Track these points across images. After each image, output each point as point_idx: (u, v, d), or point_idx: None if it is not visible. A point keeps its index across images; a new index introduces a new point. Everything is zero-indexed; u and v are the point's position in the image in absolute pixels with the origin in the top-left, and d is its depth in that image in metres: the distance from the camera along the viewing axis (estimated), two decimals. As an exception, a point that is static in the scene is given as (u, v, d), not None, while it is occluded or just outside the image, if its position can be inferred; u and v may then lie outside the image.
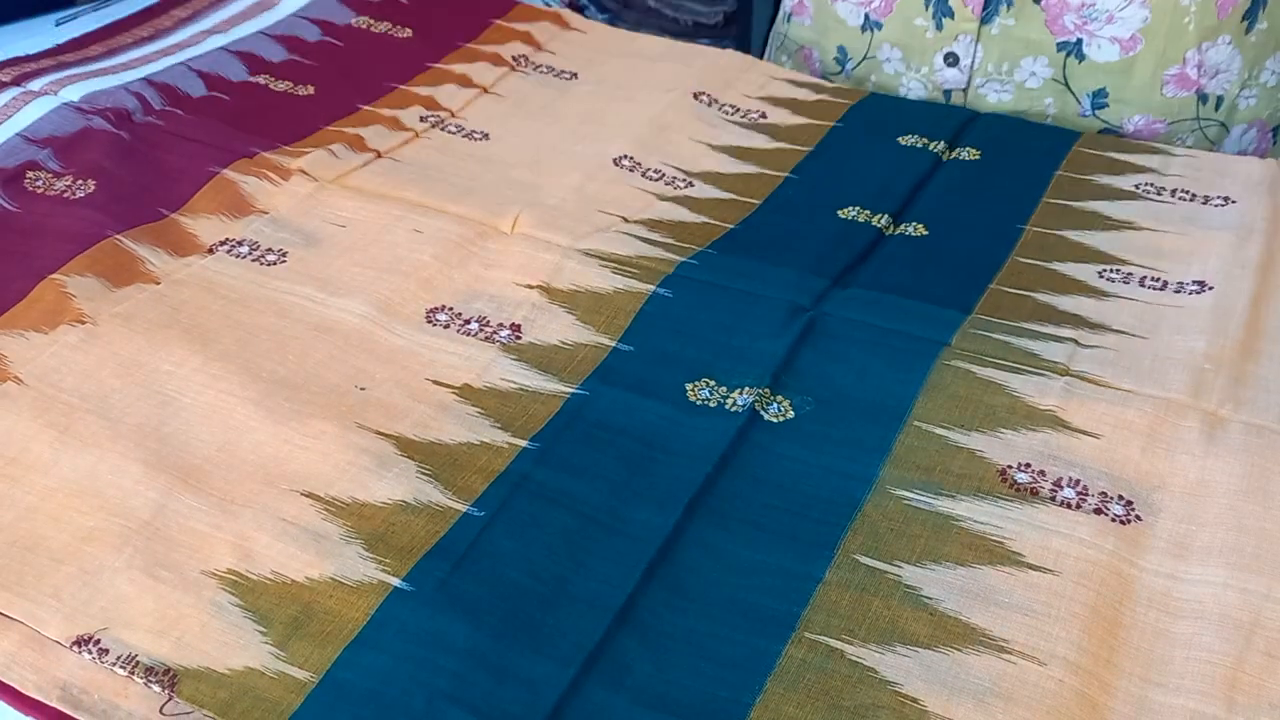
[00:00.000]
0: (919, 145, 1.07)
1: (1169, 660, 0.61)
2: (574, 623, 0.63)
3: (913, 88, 1.24)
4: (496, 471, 0.71)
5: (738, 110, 1.14)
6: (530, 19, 1.30)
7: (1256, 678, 0.60)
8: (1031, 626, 0.62)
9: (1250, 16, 1.13)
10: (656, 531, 0.68)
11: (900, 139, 1.08)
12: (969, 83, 1.19)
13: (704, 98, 1.16)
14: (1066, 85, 1.17)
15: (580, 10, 1.55)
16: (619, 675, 0.60)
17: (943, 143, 1.07)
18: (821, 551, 0.67)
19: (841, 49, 1.29)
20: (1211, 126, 1.18)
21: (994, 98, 1.20)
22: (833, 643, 0.62)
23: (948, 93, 1.22)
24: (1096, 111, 1.18)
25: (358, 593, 0.64)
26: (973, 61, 1.18)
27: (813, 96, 1.17)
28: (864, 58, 1.27)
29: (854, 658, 0.61)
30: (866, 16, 1.24)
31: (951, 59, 1.18)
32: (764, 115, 1.13)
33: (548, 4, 1.41)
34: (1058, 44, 1.15)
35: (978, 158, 1.06)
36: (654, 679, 0.60)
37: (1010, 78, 1.18)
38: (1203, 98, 1.16)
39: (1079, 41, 1.14)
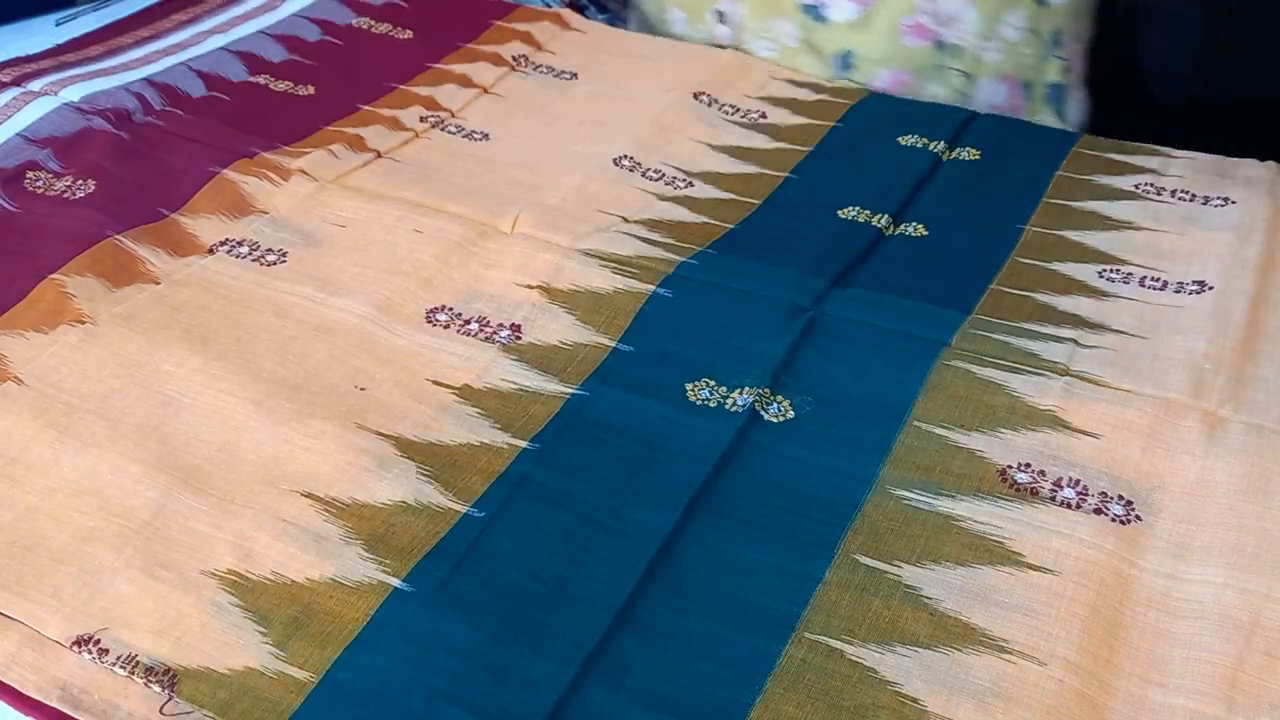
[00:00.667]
0: (919, 145, 1.07)
1: (1169, 660, 0.61)
2: (574, 623, 0.63)
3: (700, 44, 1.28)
4: (496, 472, 0.71)
5: (738, 110, 1.14)
6: (530, 19, 1.30)
7: (1256, 677, 0.60)
8: (1031, 626, 0.62)
9: None
10: (656, 532, 0.68)
11: (900, 139, 1.08)
12: (738, 40, 1.23)
13: (704, 98, 1.15)
14: (814, 49, 1.20)
15: (580, 10, 1.55)
16: (619, 675, 0.60)
17: (943, 143, 1.07)
18: (821, 551, 0.67)
19: (649, 13, 1.34)
20: (956, 77, 1.21)
21: (764, 53, 1.24)
22: (833, 643, 0.62)
23: (723, 49, 1.26)
24: (847, 72, 1.21)
25: (358, 593, 0.64)
26: (739, 19, 1.22)
27: (813, 96, 1.16)
28: (659, 19, 1.32)
29: (854, 658, 0.61)
30: None
31: (721, 16, 1.23)
32: (764, 115, 1.13)
33: (548, 4, 1.41)
34: (802, 6, 1.19)
35: (978, 158, 1.06)
36: (654, 679, 0.60)
37: (772, 36, 1.22)
38: (941, 45, 1.19)
39: (817, 5, 1.18)
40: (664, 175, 1.04)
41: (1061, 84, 1.20)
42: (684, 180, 1.03)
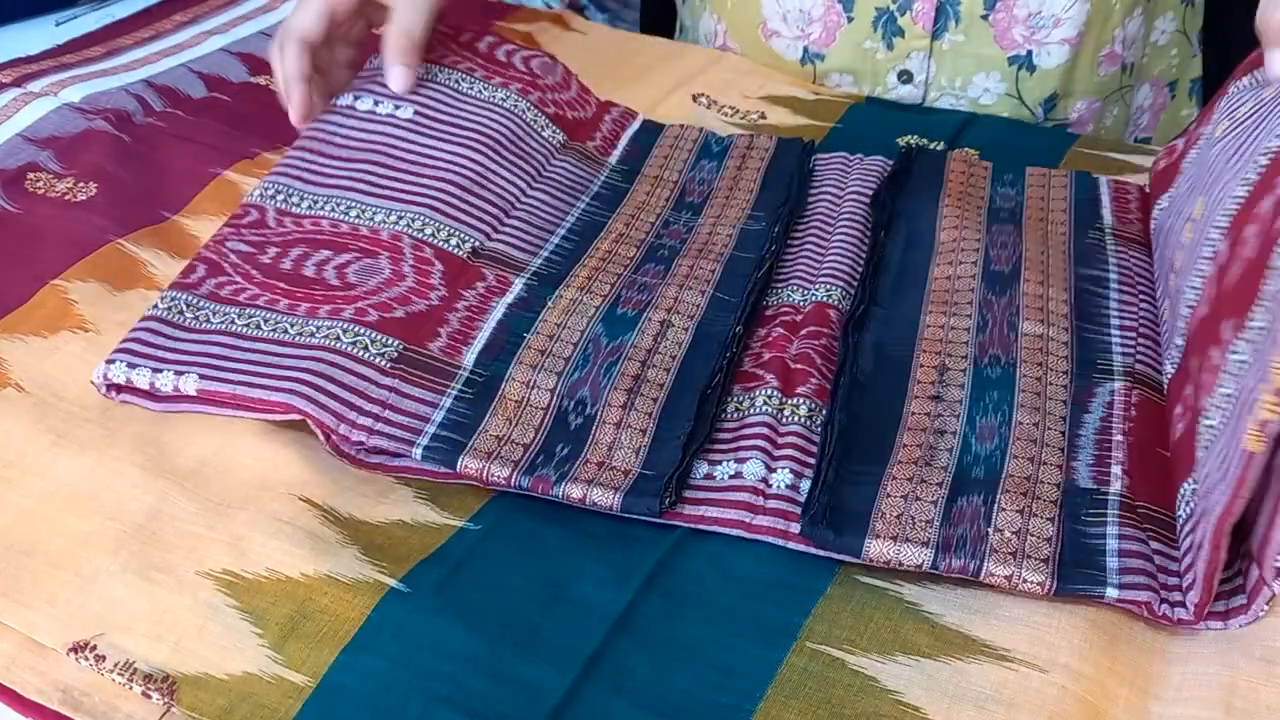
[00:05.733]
0: (919, 146, 1.07)
1: (1166, 674, 0.61)
2: (573, 627, 0.62)
3: None
4: (493, 491, 0.71)
5: (737, 111, 1.14)
6: (531, 20, 1.30)
7: (1255, 682, 0.59)
8: (1033, 635, 0.62)
9: None
10: (657, 540, 0.68)
11: (900, 139, 1.08)
12: (924, 97, 1.20)
13: (703, 99, 1.15)
14: (1020, 99, 1.19)
15: (580, 11, 1.55)
16: (619, 680, 0.60)
17: (942, 143, 1.07)
18: (822, 567, 0.66)
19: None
20: (1129, 91, 1.23)
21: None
22: (834, 652, 0.62)
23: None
24: (1048, 114, 1.21)
25: (354, 590, 0.63)
26: (927, 76, 1.19)
27: (812, 97, 1.16)
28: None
29: (855, 667, 0.61)
30: (805, 50, 1.22)
31: (905, 76, 1.19)
32: (763, 116, 1.13)
33: (548, 5, 1.40)
34: (1009, 58, 1.17)
35: (977, 158, 1.05)
36: (654, 683, 0.60)
37: (964, 93, 1.19)
38: (1124, 68, 1.20)
39: (1029, 53, 1.16)
40: (664, 177, 1.03)
41: (1201, 79, 1.22)
42: (685, 182, 1.03)
